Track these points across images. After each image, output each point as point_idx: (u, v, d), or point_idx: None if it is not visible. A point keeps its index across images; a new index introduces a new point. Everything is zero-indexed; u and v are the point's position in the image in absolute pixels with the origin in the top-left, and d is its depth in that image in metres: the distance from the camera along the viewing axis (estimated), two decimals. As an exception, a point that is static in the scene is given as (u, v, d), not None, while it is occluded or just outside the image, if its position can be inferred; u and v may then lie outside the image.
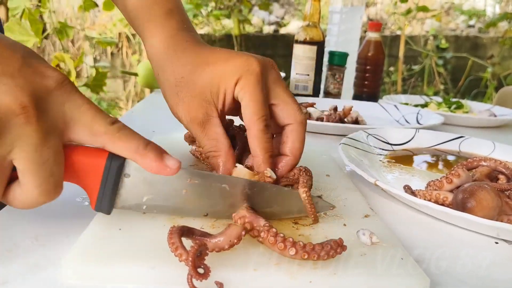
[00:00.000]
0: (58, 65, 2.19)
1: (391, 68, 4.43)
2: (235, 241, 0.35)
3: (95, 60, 3.80)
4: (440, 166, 0.75)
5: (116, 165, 0.38)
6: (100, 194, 0.38)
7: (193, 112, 0.47)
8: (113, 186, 0.38)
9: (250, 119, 0.46)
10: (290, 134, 0.49)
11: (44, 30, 2.10)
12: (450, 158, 0.79)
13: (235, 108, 0.49)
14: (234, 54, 0.48)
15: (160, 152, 0.38)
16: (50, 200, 0.36)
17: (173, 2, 0.55)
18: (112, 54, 4.08)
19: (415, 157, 0.78)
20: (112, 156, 0.38)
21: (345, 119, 0.99)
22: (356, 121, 0.99)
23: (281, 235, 0.36)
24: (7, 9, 3.04)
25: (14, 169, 0.34)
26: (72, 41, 3.92)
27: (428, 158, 0.78)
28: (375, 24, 1.38)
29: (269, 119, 0.47)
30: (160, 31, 0.52)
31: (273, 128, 0.50)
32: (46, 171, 0.34)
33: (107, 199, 0.38)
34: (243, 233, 0.36)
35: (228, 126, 0.58)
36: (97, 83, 2.09)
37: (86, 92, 2.16)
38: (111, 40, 2.61)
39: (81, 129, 0.36)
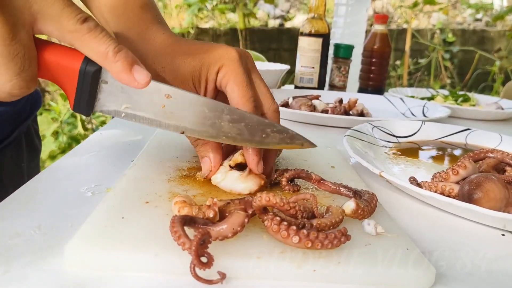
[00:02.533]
0: None
1: (397, 62, 4.40)
2: (238, 228, 0.35)
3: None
4: (446, 158, 0.75)
5: (91, 70, 0.37)
6: (77, 96, 0.38)
7: None
8: (90, 90, 0.38)
9: (238, 102, 0.46)
10: None
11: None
12: (457, 150, 0.78)
13: (215, 98, 0.49)
14: (213, 45, 0.49)
15: (131, 62, 0.37)
16: (23, 95, 0.35)
17: None
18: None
19: (420, 150, 0.77)
20: (88, 61, 0.37)
21: (350, 112, 0.98)
22: (361, 114, 0.98)
23: (285, 223, 0.35)
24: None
25: None
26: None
27: (434, 150, 0.78)
28: (382, 16, 1.37)
29: (257, 100, 0.48)
30: (135, 25, 0.52)
31: None
32: (17, 65, 0.34)
33: (84, 101, 0.38)
34: (246, 220, 0.35)
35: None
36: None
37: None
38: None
39: (48, 22, 0.34)
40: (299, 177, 0.49)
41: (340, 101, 1.00)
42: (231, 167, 0.47)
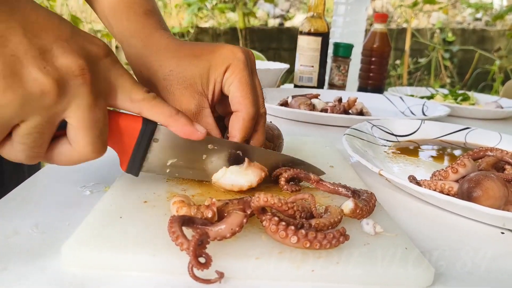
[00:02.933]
0: None
1: (397, 62, 4.40)
2: (237, 229, 0.35)
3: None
4: (446, 157, 0.74)
5: (150, 129, 0.42)
6: (133, 156, 0.43)
7: (185, 104, 0.48)
8: (145, 149, 0.43)
9: (239, 102, 0.48)
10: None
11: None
12: (456, 149, 0.78)
13: (222, 101, 0.51)
14: (218, 45, 0.50)
15: (190, 118, 0.42)
16: (98, 157, 0.39)
17: (151, 2, 0.56)
18: (117, 47, 4.07)
19: (420, 148, 0.77)
20: (147, 122, 0.42)
21: (350, 111, 0.98)
22: (360, 113, 0.98)
23: (283, 223, 0.35)
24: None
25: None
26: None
27: (434, 149, 0.77)
28: (381, 15, 1.37)
29: (262, 106, 0.51)
30: (140, 30, 0.53)
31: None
32: (97, 130, 0.37)
33: (137, 161, 0.43)
34: (245, 220, 0.35)
35: (219, 119, 0.57)
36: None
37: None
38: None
39: (122, 95, 0.39)
40: (298, 177, 0.49)
41: (340, 100, 1.00)
42: None
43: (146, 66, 0.50)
